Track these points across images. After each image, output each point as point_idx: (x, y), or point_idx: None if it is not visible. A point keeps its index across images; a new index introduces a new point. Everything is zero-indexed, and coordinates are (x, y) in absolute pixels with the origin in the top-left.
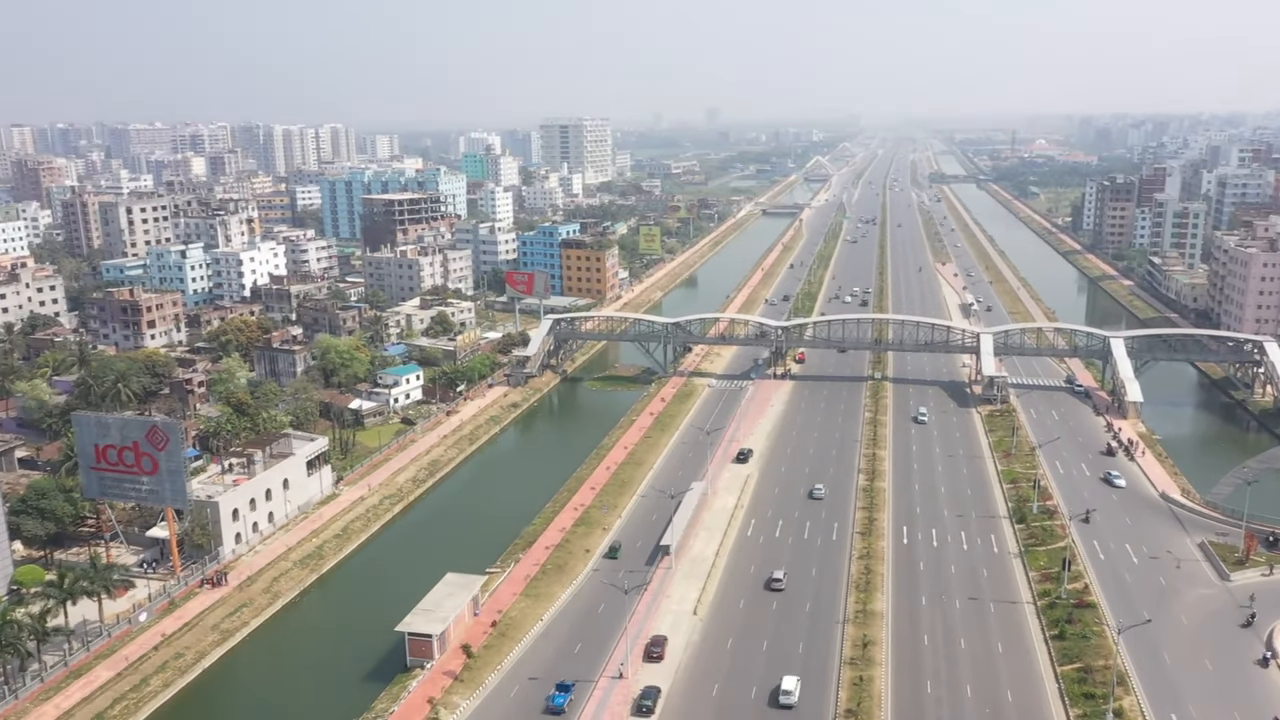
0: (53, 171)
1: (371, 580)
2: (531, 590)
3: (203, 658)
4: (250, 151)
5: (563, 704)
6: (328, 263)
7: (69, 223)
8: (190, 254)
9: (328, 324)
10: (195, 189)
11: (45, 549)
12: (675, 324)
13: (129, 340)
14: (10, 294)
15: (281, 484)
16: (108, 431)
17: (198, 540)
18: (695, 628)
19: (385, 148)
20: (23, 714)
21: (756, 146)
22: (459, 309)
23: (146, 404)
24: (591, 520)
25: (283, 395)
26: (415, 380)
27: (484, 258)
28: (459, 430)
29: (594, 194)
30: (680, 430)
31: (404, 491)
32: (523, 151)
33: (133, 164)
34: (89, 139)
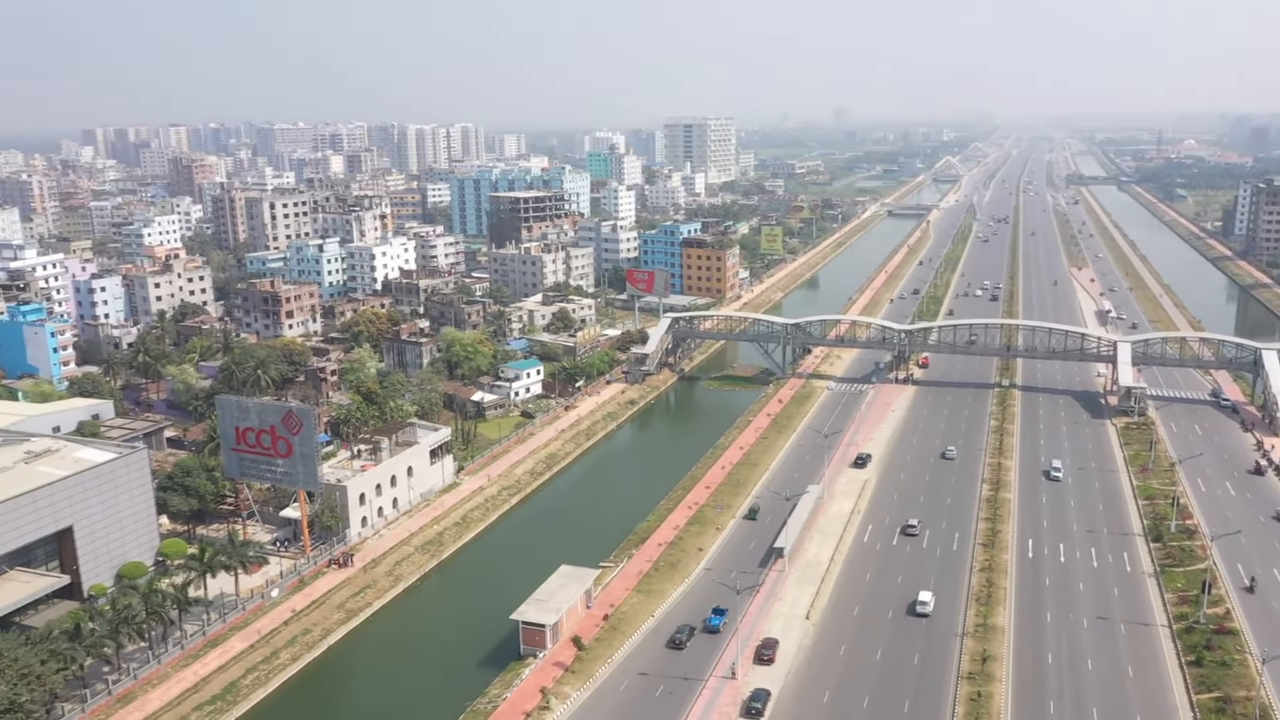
0: (204, 169)
1: (488, 568)
2: (644, 586)
3: (328, 635)
4: (385, 150)
5: (718, 625)
6: (455, 258)
7: (218, 217)
8: (327, 248)
9: (453, 318)
10: (333, 186)
11: (188, 524)
12: (795, 325)
13: (269, 329)
14: (164, 283)
15: (406, 471)
16: (247, 415)
17: (326, 522)
18: (807, 632)
19: (513, 147)
20: (164, 678)
21: (884, 146)
22: (580, 306)
23: (283, 390)
24: (705, 519)
25: (409, 386)
26: (535, 375)
27: (605, 255)
28: (576, 425)
29: (716, 193)
30: (797, 432)
31: (522, 483)
32: (646, 151)
33: (277, 162)
34: (238, 138)
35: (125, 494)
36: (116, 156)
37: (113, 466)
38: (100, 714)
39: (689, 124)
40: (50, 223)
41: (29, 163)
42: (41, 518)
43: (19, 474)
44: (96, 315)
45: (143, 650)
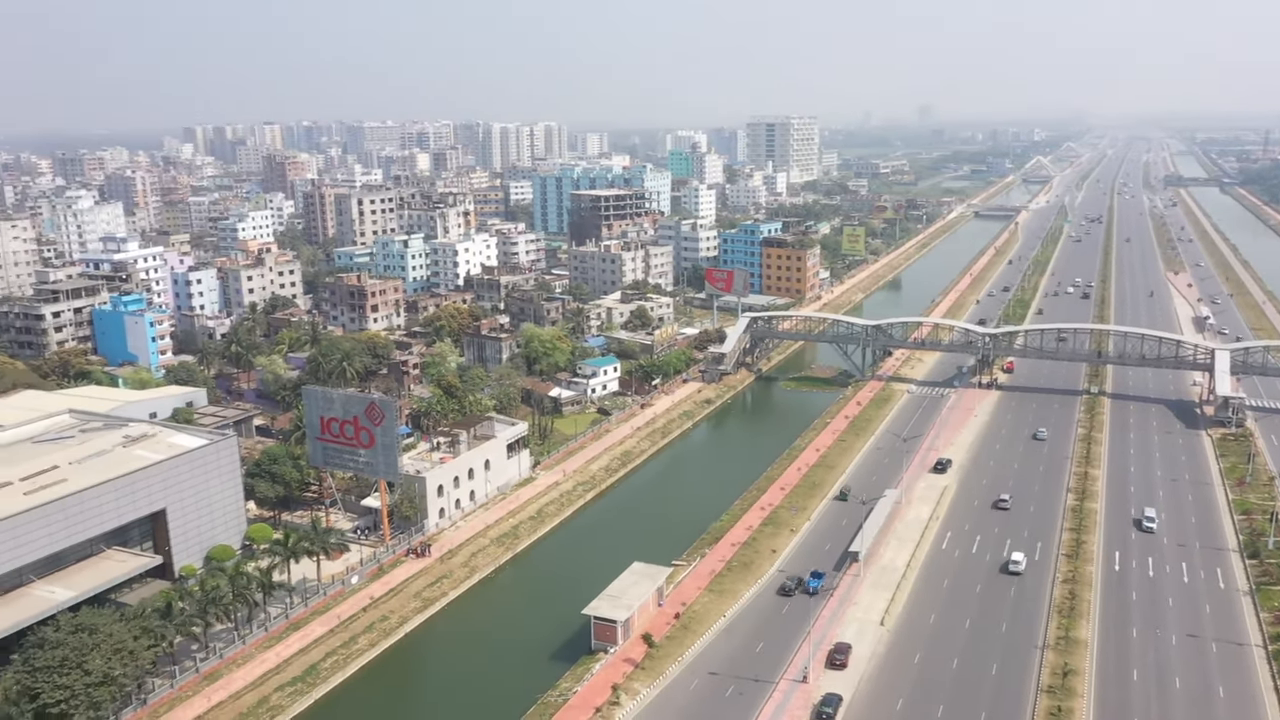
0: (297, 166)
1: (562, 563)
2: (716, 586)
3: (405, 622)
4: (470, 148)
5: (816, 587)
6: (536, 255)
7: (308, 212)
8: (412, 244)
9: (533, 314)
10: (419, 183)
11: (274, 510)
12: (875, 326)
13: (354, 322)
14: (256, 276)
15: (483, 464)
16: (332, 405)
17: (405, 512)
18: (881, 638)
19: (595, 145)
20: (248, 658)
21: (971, 146)
22: (658, 304)
23: (367, 382)
24: (779, 521)
25: (488, 380)
26: (613, 372)
27: (685, 254)
28: (652, 423)
29: (798, 193)
30: (875, 435)
31: (597, 479)
32: (728, 150)
33: (366, 159)
34: (329, 136)
35: (215, 479)
36: (215, 153)
37: (204, 452)
38: (188, 690)
39: (771, 123)
40: (152, 217)
41: (133, 159)
42: (137, 500)
43: (117, 457)
44: (193, 306)
45: (229, 630)
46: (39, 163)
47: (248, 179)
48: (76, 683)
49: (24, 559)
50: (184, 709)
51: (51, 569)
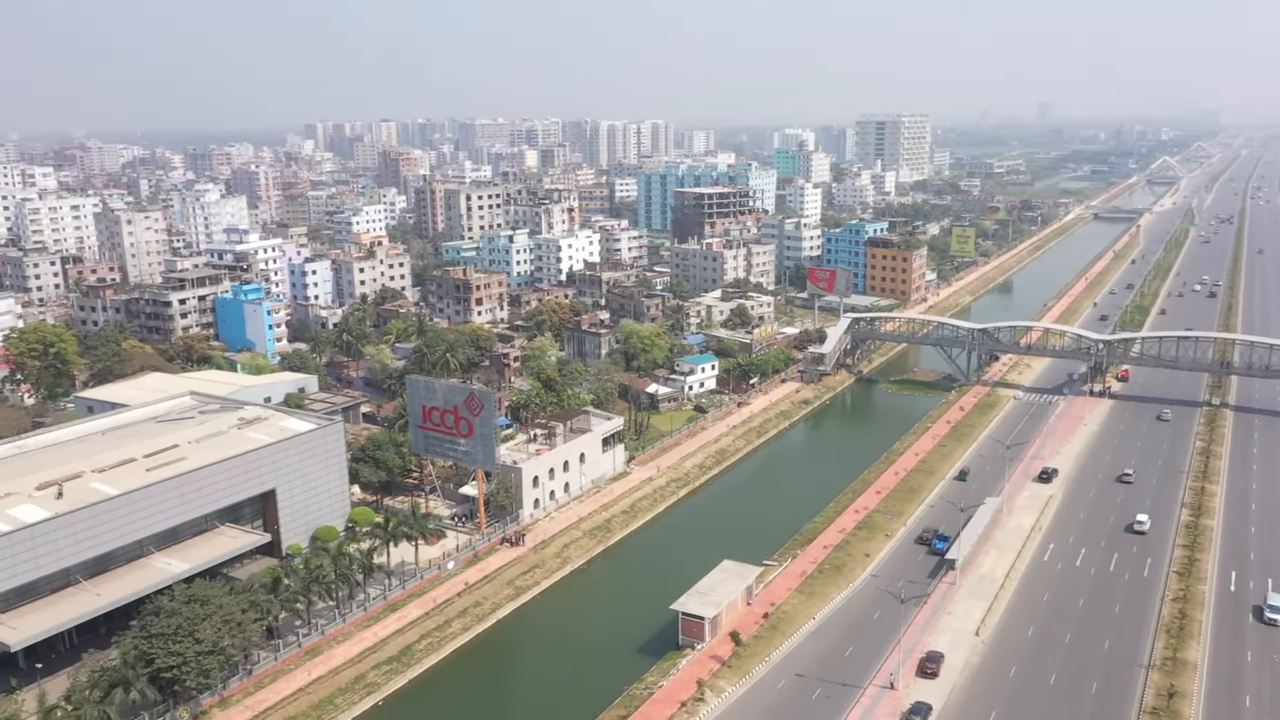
0: (410, 161)
1: (652, 558)
2: (807, 587)
3: (498, 609)
4: (577, 145)
5: (943, 548)
6: (638, 252)
7: (419, 207)
8: (516, 239)
9: (633, 310)
10: (526, 180)
11: (377, 494)
12: (982, 330)
13: (459, 315)
14: (367, 268)
15: (578, 457)
16: (434, 395)
17: (501, 501)
18: (976, 649)
19: (701, 143)
20: (348, 636)
21: (1093, 145)
22: (758, 303)
23: (469, 373)
24: (874, 525)
25: (587, 375)
26: (710, 370)
27: (788, 253)
28: (748, 422)
29: (907, 192)
30: (978, 442)
31: (690, 476)
32: (837, 148)
33: (476, 156)
34: (442, 133)
35: (322, 462)
36: (334, 149)
37: (312, 436)
38: (290, 664)
39: (881, 121)
40: (273, 210)
41: (258, 155)
42: (249, 479)
43: (232, 438)
44: (308, 296)
45: (330, 609)
46: (172, 157)
47: (363, 174)
48: (188, 650)
49: (145, 531)
50: (286, 681)
51: (169, 542)
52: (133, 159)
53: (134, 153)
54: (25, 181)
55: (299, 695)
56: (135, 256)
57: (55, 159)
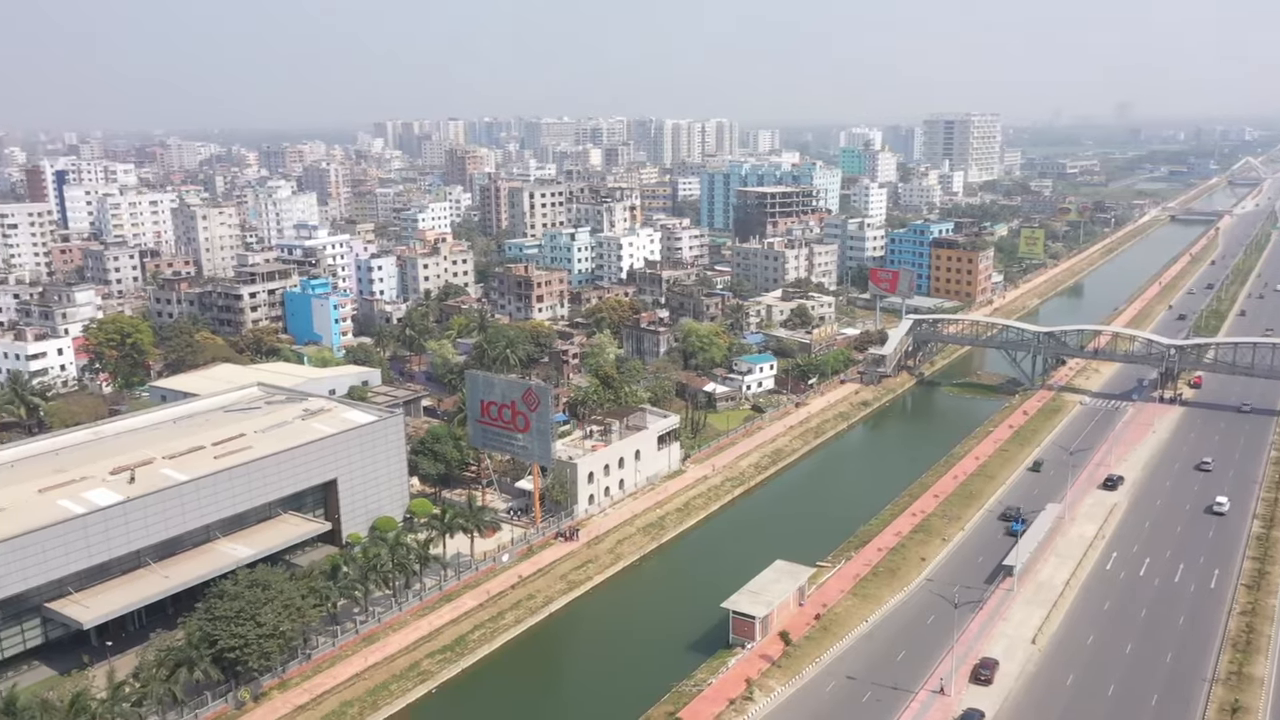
0: (476, 159)
1: (705, 556)
2: (860, 590)
3: (550, 602)
4: (642, 144)
5: (1019, 530)
6: (699, 251)
7: (484, 205)
8: (578, 237)
9: (692, 309)
10: (589, 178)
11: (435, 487)
12: (1048, 334)
13: (520, 312)
14: (431, 264)
15: (634, 454)
16: (492, 389)
17: (556, 496)
18: (1032, 657)
19: (766, 142)
20: (404, 624)
21: (1172, 145)
22: (819, 303)
23: (528, 369)
24: (931, 529)
25: (644, 373)
26: (769, 369)
27: (850, 253)
28: (806, 422)
29: (975, 193)
30: (1041, 447)
31: (746, 476)
32: (904, 148)
33: (541, 154)
34: (508, 131)
35: (382, 454)
36: (402, 147)
37: (373, 428)
38: (348, 650)
39: (950, 120)
40: (342, 206)
41: (329, 153)
42: (311, 469)
43: (296, 429)
44: (373, 291)
45: (387, 597)
46: (247, 155)
47: (430, 172)
48: (250, 633)
49: (211, 517)
50: (343, 666)
51: (234, 528)
52: (209, 156)
53: (211, 150)
54: (108, 178)
55: (355, 680)
56: (209, 251)
57: (137, 156)
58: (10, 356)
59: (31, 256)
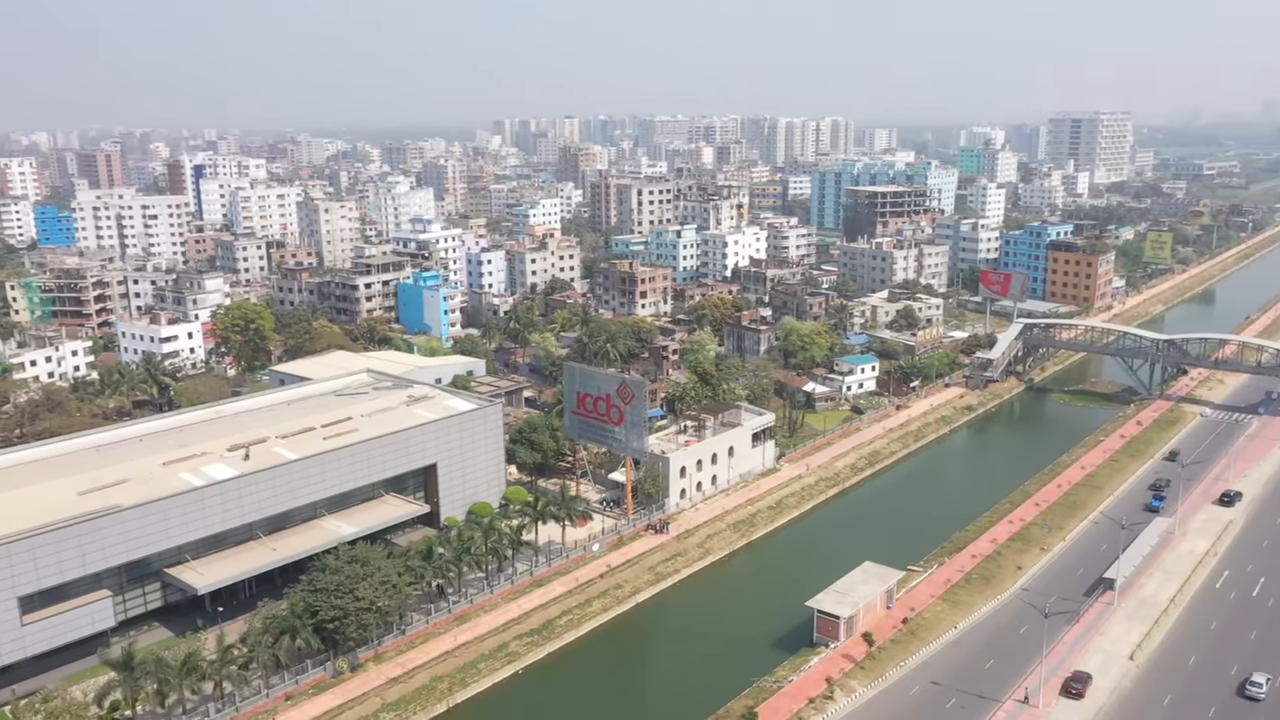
0: (588, 157)
1: (794, 555)
2: (951, 596)
3: (637, 593)
4: (755, 143)
5: (1158, 506)
6: (806, 250)
7: (594, 201)
8: (684, 234)
9: (795, 308)
10: (699, 176)
11: (532, 476)
12: (1169, 342)
13: (624, 307)
14: (539, 259)
15: (727, 451)
16: (589, 382)
17: (648, 489)
18: (1128, 673)
19: (883, 141)
20: (494, 607)
21: None
22: (927, 305)
23: (628, 364)
24: (1029, 537)
25: (744, 370)
26: (870, 370)
27: (962, 255)
28: (906, 425)
29: (1101, 194)
30: (1154, 459)
31: (840, 476)
32: (1028, 147)
33: (654, 152)
34: (622, 129)
35: (481, 441)
36: (519, 145)
37: (472, 416)
38: (440, 628)
39: (1077, 119)
40: (458, 202)
41: (448, 150)
42: (413, 453)
43: (400, 414)
44: (482, 284)
45: (480, 579)
46: (371, 151)
47: (544, 169)
48: (348, 605)
49: (318, 495)
50: (435, 643)
51: (339, 507)
52: (336, 152)
53: (338, 147)
54: (241, 172)
55: (446, 657)
56: (330, 242)
57: (269, 152)
58: (145, 339)
59: (169, 245)
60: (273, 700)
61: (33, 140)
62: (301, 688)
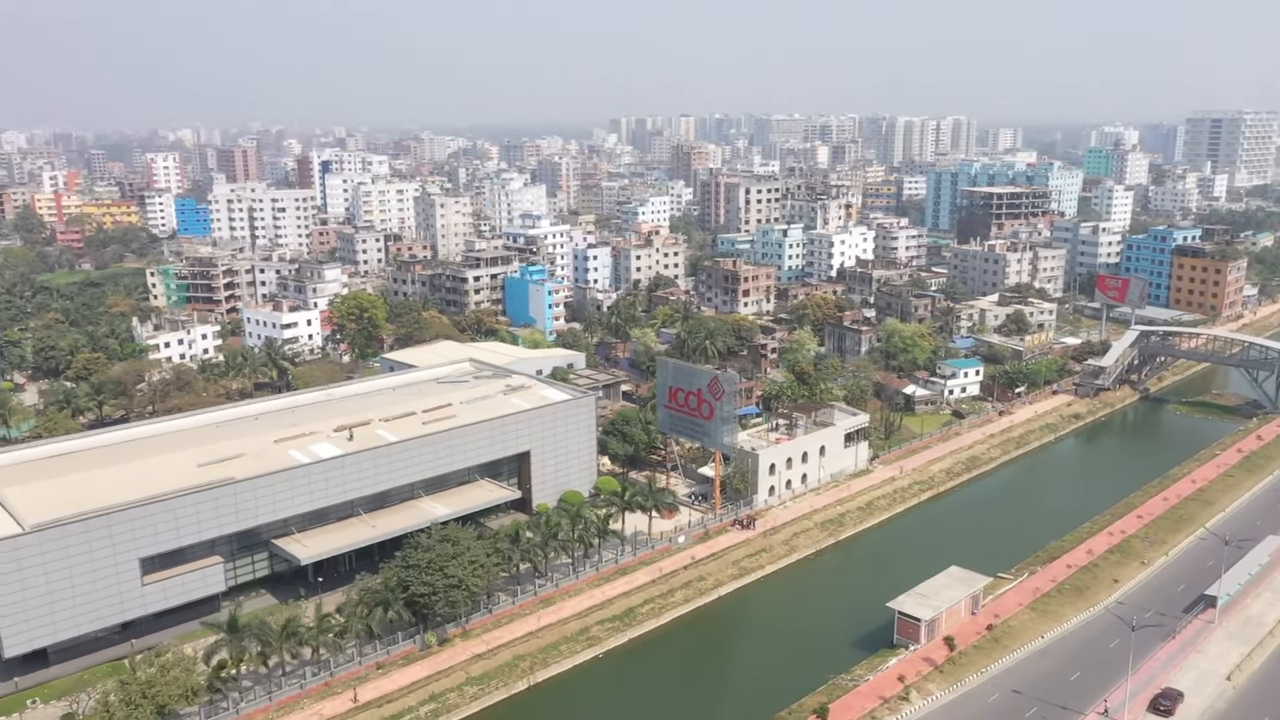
0: (701, 155)
1: (881, 556)
2: (1040, 605)
3: (720, 585)
4: (872, 142)
5: None
6: (915, 251)
7: (704, 200)
8: (790, 234)
9: (899, 309)
10: (811, 175)
11: (624, 468)
12: None
13: (727, 305)
14: (644, 256)
15: (818, 450)
16: (681, 376)
17: (737, 485)
18: (1224, 694)
19: (1007, 140)
20: (579, 592)
21: None
22: (1039, 309)
23: (726, 361)
24: (1129, 550)
25: (842, 371)
26: (974, 375)
27: (1081, 259)
28: (1008, 431)
29: (1240, 198)
30: (1273, 476)
31: (935, 480)
32: (1164, 148)
33: (769, 151)
34: (737, 128)
35: (573, 431)
36: (634, 143)
37: (565, 406)
38: (525, 609)
39: (1218, 118)
40: (571, 199)
41: (564, 147)
42: (507, 440)
43: (497, 402)
44: (588, 280)
45: (566, 565)
46: (490, 149)
47: (657, 167)
48: (438, 582)
49: (415, 476)
50: (519, 624)
51: (435, 489)
52: (457, 150)
53: (459, 144)
54: (364, 168)
55: (529, 638)
56: (444, 236)
57: (394, 149)
58: (268, 325)
59: (295, 237)
60: (365, 668)
61: (179, 136)
62: (392, 658)
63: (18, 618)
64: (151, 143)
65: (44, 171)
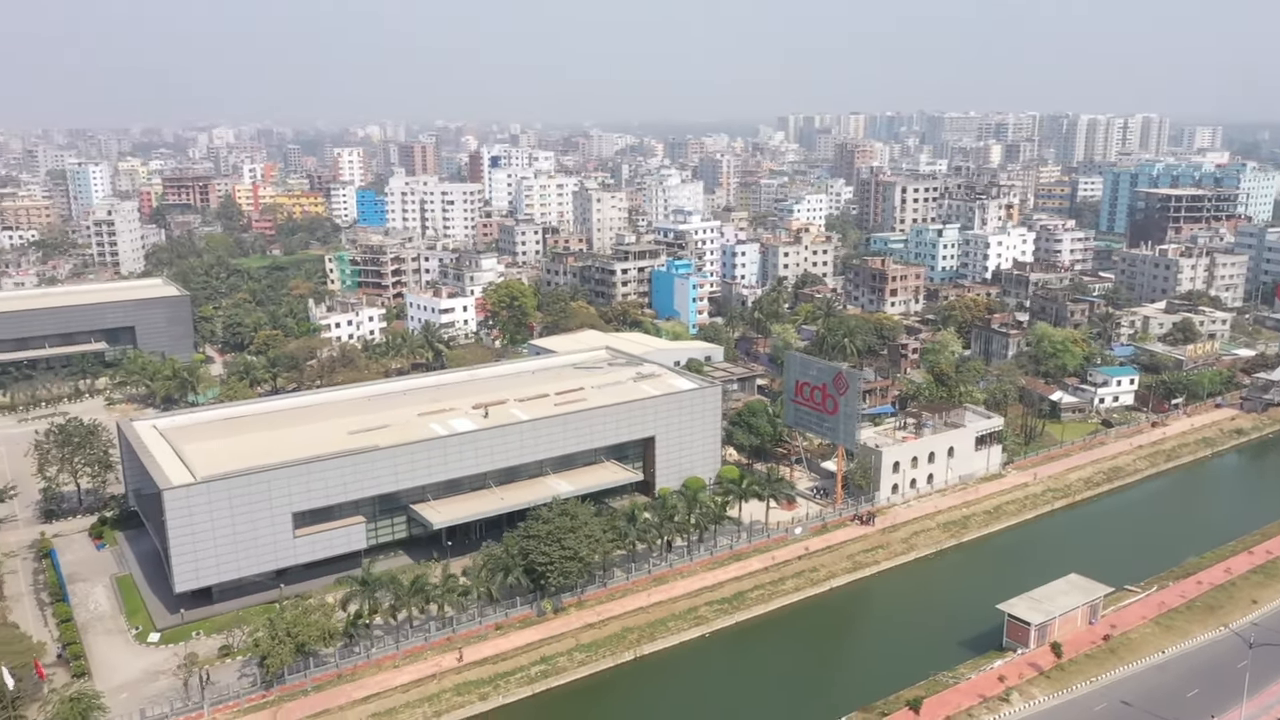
0: (864, 153)
1: (1003, 560)
2: (1165, 620)
3: (832, 577)
4: (1051, 141)
5: None
6: (1081, 255)
7: (862, 199)
8: (945, 234)
9: (1054, 314)
10: (978, 175)
11: (749, 459)
12: None
13: (873, 304)
14: (792, 253)
15: (946, 451)
16: (808, 371)
17: (859, 481)
18: None
19: (1204, 139)
20: (692, 573)
21: None
22: (1211, 318)
23: (865, 359)
24: (1273, 571)
25: (985, 374)
26: (1128, 384)
27: (1266, 266)
28: (1158, 444)
29: None
30: None
31: (1071, 489)
32: None
33: (939, 149)
34: (908, 126)
35: (699, 419)
36: (802, 141)
37: (691, 395)
38: (638, 586)
39: None
40: (730, 195)
41: (729, 145)
42: (634, 425)
43: (627, 389)
44: (735, 275)
45: (681, 547)
46: (655, 146)
47: (820, 165)
48: (554, 553)
49: (544, 454)
50: (630, 599)
51: (563, 467)
52: (624, 147)
53: (626, 141)
54: (530, 163)
55: (639, 612)
56: (600, 230)
57: (563, 145)
58: (427, 309)
59: (462, 228)
60: (484, 628)
61: (367, 132)
62: (510, 620)
63: (187, 558)
64: (342, 138)
65: (245, 165)
